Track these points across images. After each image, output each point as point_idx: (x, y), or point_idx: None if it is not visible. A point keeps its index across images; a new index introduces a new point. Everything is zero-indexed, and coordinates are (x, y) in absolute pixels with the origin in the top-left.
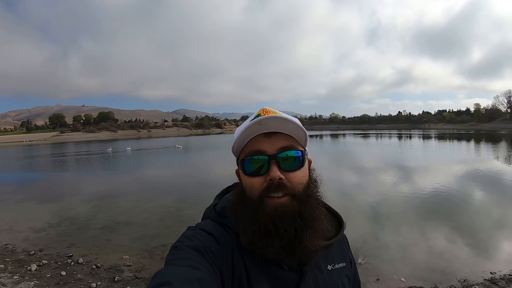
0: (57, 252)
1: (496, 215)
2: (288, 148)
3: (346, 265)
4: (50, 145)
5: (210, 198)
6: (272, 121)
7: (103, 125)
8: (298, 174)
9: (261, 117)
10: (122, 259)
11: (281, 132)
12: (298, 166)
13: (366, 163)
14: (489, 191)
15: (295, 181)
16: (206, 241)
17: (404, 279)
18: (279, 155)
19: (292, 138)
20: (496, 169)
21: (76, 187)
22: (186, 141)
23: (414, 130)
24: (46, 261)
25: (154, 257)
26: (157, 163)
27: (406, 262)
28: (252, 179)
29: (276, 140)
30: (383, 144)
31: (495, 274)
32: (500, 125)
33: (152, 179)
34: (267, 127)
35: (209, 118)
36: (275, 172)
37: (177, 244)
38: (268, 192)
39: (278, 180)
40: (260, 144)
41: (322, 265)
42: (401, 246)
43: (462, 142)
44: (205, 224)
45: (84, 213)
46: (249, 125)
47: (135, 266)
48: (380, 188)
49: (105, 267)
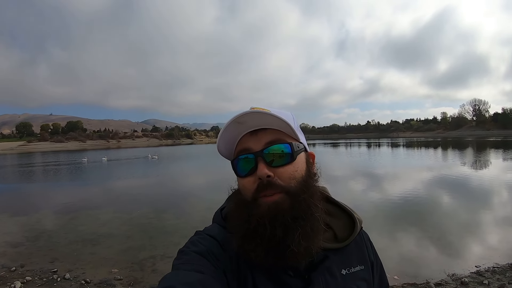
0: (40, 268)
1: (473, 215)
2: (274, 142)
3: (365, 268)
4: (18, 155)
5: (193, 208)
6: (250, 117)
7: (71, 134)
8: (289, 169)
9: (238, 115)
10: (111, 273)
11: (269, 128)
12: (287, 160)
13: (342, 171)
14: (461, 194)
15: (286, 177)
16: (211, 245)
17: (397, 277)
18: (264, 150)
19: (280, 132)
20: (464, 174)
21: (50, 199)
22: (157, 151)
23: (383, 139)
24: (30, 278)
25: (145, 270)
26: (134, 173)
27: (394, 260)
28: (243, 180)
29: (262, 136)
30: (353, 153)
31: (480, 267)
32: (467, 132)
33: (131, 190)
34: (249, 125)
35: (179, 129)
36: (262, 170)
37: (183, 249)
38: (259, 192)
39: (267, 178)
40: (246, 143)
41: (334, 269)
42: (387, 246)
43: (430, 149)
44: (211, 228)
45: (62, 225)
46: (226, 126)
47: (127, 280)
48: (356, 193)
49: (94, 282)
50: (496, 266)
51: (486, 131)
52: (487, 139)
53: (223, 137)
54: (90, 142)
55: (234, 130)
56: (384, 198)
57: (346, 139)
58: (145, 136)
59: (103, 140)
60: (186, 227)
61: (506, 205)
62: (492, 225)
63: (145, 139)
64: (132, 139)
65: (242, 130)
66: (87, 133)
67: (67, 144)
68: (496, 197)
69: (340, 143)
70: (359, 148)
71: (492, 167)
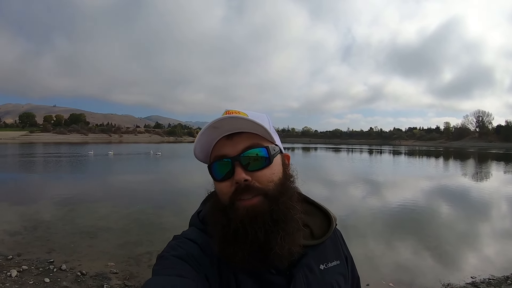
0: (36, 258)
1: (470, 227)
2: (251, 146)
3: (341, 263)
4: (19, 145)
5: (191, 205)
6: (227, 122)
7: (74, 127)
8: (266, 172)
9: (215, 120)
10: (107, 266)
11: (244, 132)
12: (264, 164)
13: (342, 176)
14: (461, 205)
15: (264, 180)
16: (191, 249)
17: (392, 284)
18: (241, 155)
19: (256, 135)
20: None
21: (51, 190)
22: (160, 148)
23: (385, 146)
24: (26, 267)
25: (141, 265)
26: (138, 168)
27: (391, 268)
28: (220, 184)
29: (238, 141)
30: (354, 159)
31: (476, 278)
32: (469, 143)
33: (132, 185)
34: (225, 129)
35: (182, 126)
36: (239, 174)
37: (162, 254)
38: (237, 195)
39: (244, 182)
40: (223, 148)
41: (313, 265)
42: (384, 254)
43: (431, 159)
44: (189, 232)
45: (61, 217)
46: (203, 131)
47: (123, 274)
48: (356, 200)
49: (90, 274)
50: (491, 278)
51: (489, 143)
52: (489, 151)
53: (199, 141)
54: (92, 136)
55: (210, 135)
56: (382, 206)
57: (348, 144)
58: (147, 132)
59: (105, 134)
60: (183, 225)
61: (504, 218)
62: (489, 237)
63: (147, 135)
64: (134, 134)
65: (217, 134)
66: (89, 127)
67: (69, 136)
68: (494, 209)
69: (342, 148)
70: (360, 155)
71: (492, 180)
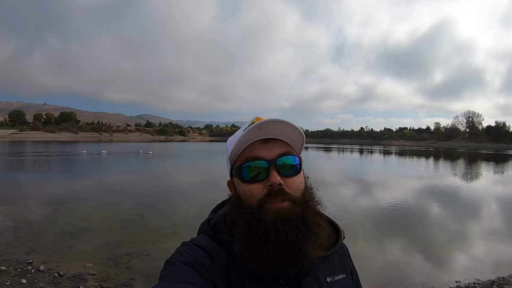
0: (16, 258)
1: (456, 228)
2: (286, 153)
3: (347, 277)
4: (9, 143)
5: (177, 206)
6: (272, 124)
7: (64, 125)
8: (297, 180)
9: (261, 121)
10: (85, 267)
11: (278, 139)
12: (296, 171)
13: (328, 176)
14: (449, 206)
15: (294, 187)
16: (199, 256)
17: None
18: (278, 160)
19: (288, 144)
20: (454, 184)
21: (37, 190)
22: (150, 147)
23: (376, 146)
24: (4, 267)
25: (120, 266)
26: (129, 168)
27: (373, 272)
28: (250, 186)
29: (273, 146)
30: (345, 159)
31: (460, 283)
32: (459, 144)
33: (120, 185)
34: (267, 132)
35: (173, 125)
36: (276, 177)
37: (170, 260)
38: (268, 198)
39: (278, 186)
40: (258, 151)
41: (321, 277)
42: (367, 257)
43: (422, 159)
44: (198, 239)
45: (44, 217)
46: (249, 129)
47: (100, 275)
48: (343, 201)
49: (68, 275)
50: (476, 282)
51: (479, 144)
52: (479, 152)
53: (241, 140)
54: (82, 134)
55: (250, 134)
56: (369, 207)
57: (339, 144)
58: (138, 130)
59: (95, 133)
60: (167, 225)
61: (491, 219)
62: (476, 240)
63: (138, 134)
64: (125, 133)
65: (256, 136)
66: (79, 125)
67: (59, 134)
68: (481, 211)
69: (333, 148)
70: (351, 154)
71: (481, 180)
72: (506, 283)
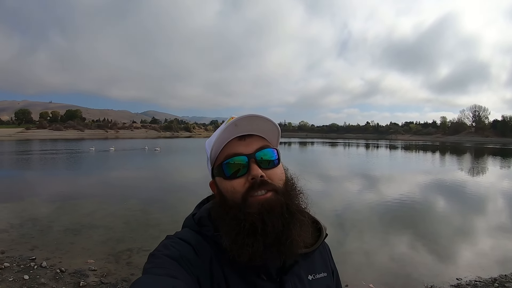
0: (19, 255)
1: (459, 224)
2: (264, 147)
3: (328, 275)
4: (16, 141)
5: (179, 202)
6: (247, 120)
7: (70, 123)
8: (277, 171)
9: (237, 118)
10: (87, 263)
11: (255, 135)
12: (275, 164)
13: (333, 171)
14: (452, 201)
15: (276, 178)
16: (183, 249)
17: (373, 285)
18: (256, 154)
19: (265, 139)
20: (460, 180)
21: (42, 187)
22: (156, 143)
23: (382, 141)
24: (8, 264)
25: (120, 262)
26: (137, 164)
27: (373, 268)
28: (233, 182)
29: (251, 142)
30: (351, 153)
31: (461, 280)
32: (465, 138)
33: (125, 181)
34: (243, 129)
35: (178, 121)
36: (257, 170)
37: (154, 253)
38: (251, 191)
39: (260, 178)
40: (236, 147)
41: (302, 274)
42: (367, 253)
43: (428, 154)
44: (183, 233)
45: (48, 214)
46: (225, 127)
47: (101, 271)
48: (345, 196)
49: (69, 271)
50: (478, 280)
51: (485, 138)
52: (485, 146)
53: (219, 138)
54: (88, 132)
55: (227, 133)
56: (374, 202)
57: (344, 139)
58: (144, 127)
59: (101, 130)
60: (168, 221)
61: (495, 216)
62: (479, 236)
63: (144, 131)
64: (130, 130)
65: (231, 134)
66: (85, 122)
67: (65, 132)
68: (486, 206)
69: (339, 142)
70: (357, 149)
71: (488, 175)
72: (508, 281)
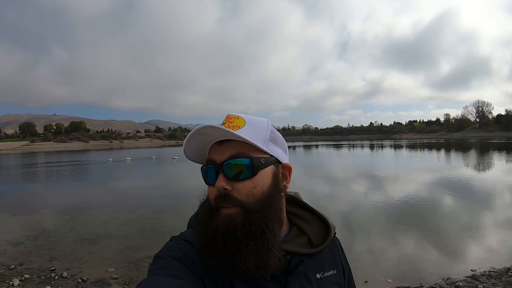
0: (38, 266)
1: (469, 219)
2: (235, 156)
3: (337, 272)
4: (21, 155)
5: (192, 209)
6: (211, 130)
7: (74, 135)
8: (247, 185)
9: (199, 126)
10: (107, 272)
11: (234, 140)
12: (247, 175)
13: (344, 173)
14: (461, 197)
15: (243, 192)
16: (187, 250)
17: (391, 280)
18: (224, 163)
19: (245, 144)
20: (467, 175)
21: (54, 199)
22: (160, 152)
23: (386, 140)
24: (28, 276)
25: (141, 269)
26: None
27: (390, 264)
28: (209, 188)
29: (225, 149)
30: (356, 155)
31: (476, 271)
32: (470, 134)
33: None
34: (213, 136)
35: (182, 129)
36: (219, 182)
37: (159, 254)
38: (218, 202)
39: (224, 191)
40: (212, 153)
41: (310, 273)
42: (382, 250)
43: (433, 151)
44: (187, 233)
45: (62, 225)
46: (190, 136)
47: (123, 279)
48: (355, 196)
49: (91, 280)
50: (492, 270)
51: (489, 133)
52: (490, 141)
53: (188, 145)
54: (93, 143)
55: (201, 139)
56: (384, 200)
57: (349, 140)
58: (148, 136)
59: (106, 141)
60: (183, 228)
61: (504, 208)
62: (490, 228)
63: (148, 140)
64: (135, 139)
65: (209, 139)
66: (90, 134)
67: (70, 144)
68: (495, 200)
69: (343, 144)
70: (362, 150)
71: (494, 170)
72: None
